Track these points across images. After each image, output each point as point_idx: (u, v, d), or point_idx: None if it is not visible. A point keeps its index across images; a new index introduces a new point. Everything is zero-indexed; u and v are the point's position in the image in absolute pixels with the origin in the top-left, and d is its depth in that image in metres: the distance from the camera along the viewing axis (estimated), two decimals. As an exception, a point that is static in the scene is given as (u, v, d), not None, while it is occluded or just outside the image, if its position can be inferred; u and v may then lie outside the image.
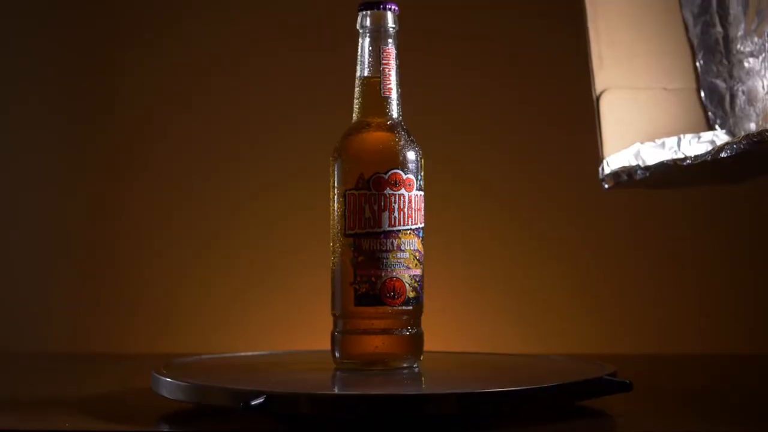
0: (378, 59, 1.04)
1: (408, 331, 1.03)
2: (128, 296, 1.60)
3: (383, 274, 1.01)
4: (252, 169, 1.60)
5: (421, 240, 1.04)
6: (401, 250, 1.02)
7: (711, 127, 1.25)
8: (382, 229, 1.02)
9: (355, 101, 1.05)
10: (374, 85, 1.04)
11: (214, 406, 0.95)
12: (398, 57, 1.05)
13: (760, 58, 1.18)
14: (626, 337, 1.57)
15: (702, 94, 1.26)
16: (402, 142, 1.04)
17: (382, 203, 1.02)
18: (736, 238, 1.57)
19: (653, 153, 1.22)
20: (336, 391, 0.95)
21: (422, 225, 1.04)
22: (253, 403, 0.86)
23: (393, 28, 1.05)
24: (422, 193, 1.04)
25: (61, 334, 1.59)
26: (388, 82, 1.04)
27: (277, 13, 1.61)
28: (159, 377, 0.97)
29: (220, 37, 1.61)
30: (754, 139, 1.02)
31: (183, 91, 1.61)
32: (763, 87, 1.17)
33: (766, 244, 1.57)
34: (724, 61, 1.26)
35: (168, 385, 0.95)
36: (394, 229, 1.02)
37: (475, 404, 0.88)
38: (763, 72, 1.17)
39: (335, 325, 1.04)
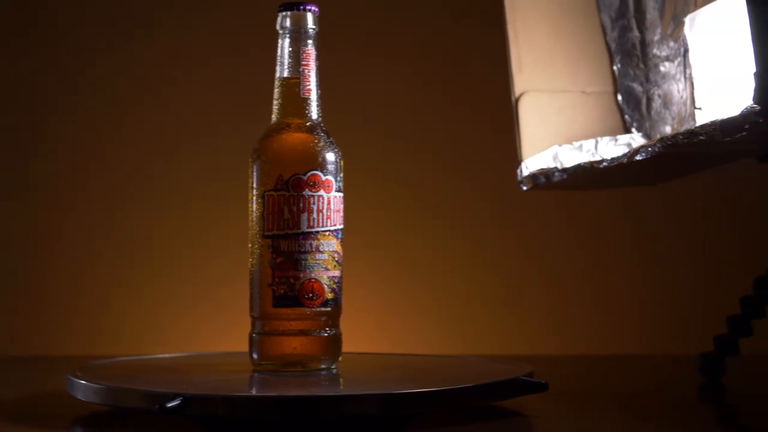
0: (297, 60, 1.04)
1: (326, 332, 1.03)
2: (47, 299, 1.58)
3: (302, 276, 1.01)
4: (173, 170, 1.59)
5: (340, 241, 1.04)
6: (320, 252, 1.02)
7: (628, 130, 1.27)
8: (300, 231, 1.01)
9: (275, 102, 1.05)
10: (293, 86, 1.04)
11: (130, 409, 0.94)
12: (318, 58, 1.05)
13: (676, 62, 1.20)
14: (547, 339, 1.59)
15: (619, 97, 1.28)
16: (321, 144, 1.04)
17: (301, 204, 1.01)
18: (655, 240, 1.59)
19: (571, 155, 1.23)
20: (253, 392, 0.95)
21: (341, 226, 1.04)
22: (169, 405, 0.86)
23: (313, 29, 1.05)
24: (341, 194, 1.04)
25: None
26: (307, 83, 1.04)
27: (195, 14, 1.60)
28: (74, 380, 0.96)
29: (140, 38, 1.60)
30: (669, 142, 1.03)
31: (106, 96, 1.59)
32: (678, 91, 1.19)
33: (683, 245, 1.59)
34: (641, 65, 1.28)
35: (83, 388, 0.94)
36: (313, 230, 1.02)
37: (391, 405, 0.88)
38: (678, 76, 1.19)
39: (253, 326, 1.04)
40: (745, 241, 1.55)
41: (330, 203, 1.03)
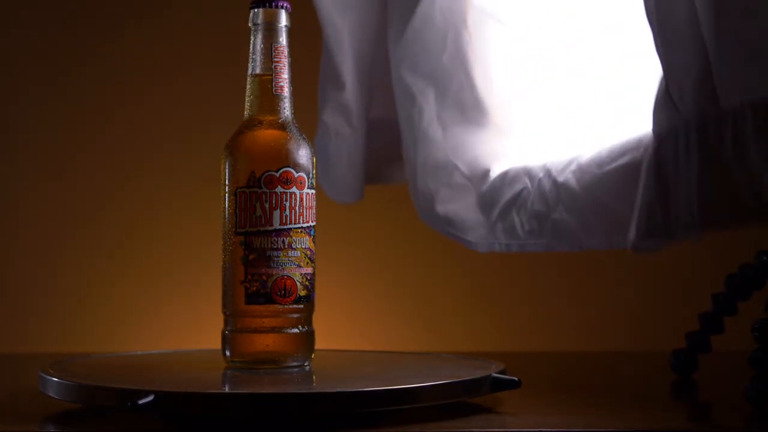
0: (270, 57, 1.04)
1: (299, 329, 1.03)
2: (20, 295, 1.58)
3: (274, 273, 1.01)
4: (144, 166, 1.59)
5: (313, 238, 1.04)
6: (292, 249, 1.02)
7: None
8: (273, 228, 1.01)
9: (247, 99, 1.05)
10: (266, 82, 1.04)
11: (102, 406, 0.94)
12: (291, 54, 1.05)
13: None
14: (521, 336, 1.59)
15: None
16: (293, 141, 1.03)
17: (273, 201, 1.01)
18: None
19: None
20: (225, 389, 0.95)
21: (314, 223, 1.04)
22: (141, 402, 0.85)
23: (285, 25, 1.05)
24: (314, 191, 1.04)
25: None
26: (279, 79, 1.04)
27: (168, 9, 1.60)
28: (46, 377, 0.95)
29: (115, 35, 1.60)
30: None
31: (77, 90, 1.59)
32: None
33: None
34: None
35: (55, 385, 0.94)
36: (285, 227, 1.02)
37: (364, 402, 0.88)
38: None
39: (226, 323, 1.04)
40: (717, 238, 1.55)
41: (302, 200, 1.03)
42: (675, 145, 0.86)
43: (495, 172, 1.17)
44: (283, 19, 1.05)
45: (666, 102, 0.88)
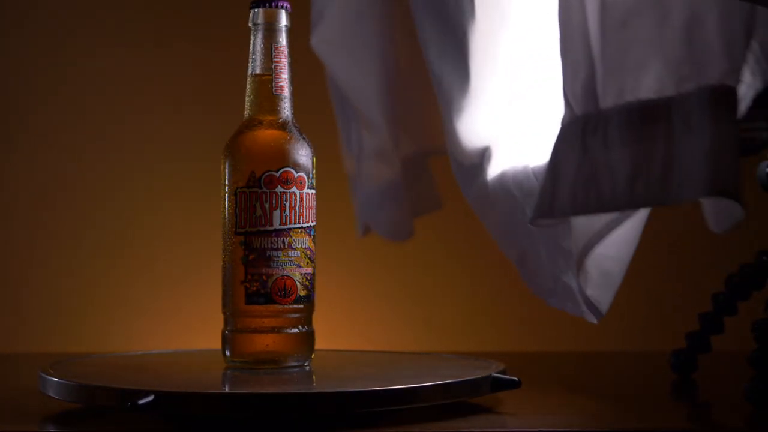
0: (270, 57, 1.04)
1: (299, 329, 1.03)
2: (20, 295, 1.58)
3: (274, 273, 1.01)
4: (145, 167, 1.59)
5: (313, 238, 1.04)
6: (292, 249, 1.02)
7: None
8: (273, 228, 1.01)
9: (247, 99, 1.05)
10: (266, 82, 1.04)
11: (102, 406, 0.94)
12: (291, 54, 1.05)
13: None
14: (521, 336, 1.59)
15: None
16: (293, 141, 1.03)
17: (273, 201, 1.01)
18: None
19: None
20: (225, 389, 0.95)
21: (314, 223, 1.04)
22: (141, 402, 0.85)
23: (285, 25, 1.05)
24: (314, 191, 1.04)
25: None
26: (279, 80, 1.04)
27: (168, 9, 1.59)
28: (46, 377, 0.95)
29: (110, 34, 1.60)
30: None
31: (77, 89, 1.59)
32: None
33: (656, 242, 1.59)
34: None
35: (55, 385, 0.94)
36: (285, 227, 1.02)
37: (364, 402, 0.88)
38: None
39: (226, 323, 1.04)
40: (717, 238, 1.55)
41: (302, 200, 1.03)
42: (566, 136, 0.95)
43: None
44: (283, 19, 1.05)
45: (565, 98, 0.97)
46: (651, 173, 0.86)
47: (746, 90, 0.86)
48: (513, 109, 1.18)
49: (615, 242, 1.03)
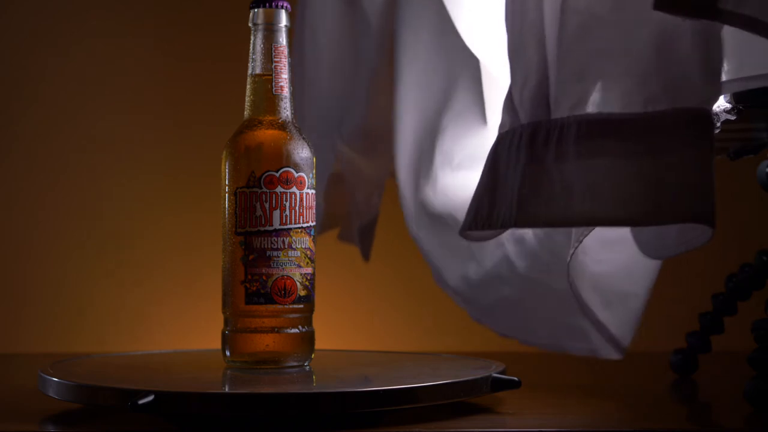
0: (270, 57, 1.04)
1: (299, 329, 1.03)
2: (20, 295, 1.58)
3: (274, 273, 1.01)
4: (145, 167, 1.59)
5: (313, 238, 1.04)
6: (292, 249, 1.02)
7: None
8: (273, 228, 1.01)
9: (247, 99, 1.05)
10: (266, 82, 1.04)
11: (102, 406, 0.94)
12: (291, 54, 1.05)
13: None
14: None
15: None
16: (293, 141, 1.03)
17: (273, 201, 1.01)
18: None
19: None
20: (225, 389, 0.95)
21: (314, 223, 1.04)
22: (141, 402, 0.85)
23: (285, 25, 1.05)
24: (314, 191, 1.04)
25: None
26: (279, 79, 1.04)
27: (168, 9, 1.60)
28: (46, 377, 0.95)
29: (110, 34, 1.60)
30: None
31: (77, 89, 1.59)
32: None
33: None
34: None
35: (54, 385, 0.94)
36: (285, 227, 1.02)
37: (364, 402, 0.88)
38: None
39: (226, 323, 1.04)
40: (717, 238, 1.55)
41: (302, 200, 1.03)
42: (509, 144, 0.91)
43: None
44: (283, 19, 1.05)
45: (508, 105, 0.94)
46: (613, 191, 0.83)
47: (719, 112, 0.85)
48: None
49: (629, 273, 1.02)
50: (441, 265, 1.23)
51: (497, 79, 1.18)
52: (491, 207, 0.92)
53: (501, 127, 0.94)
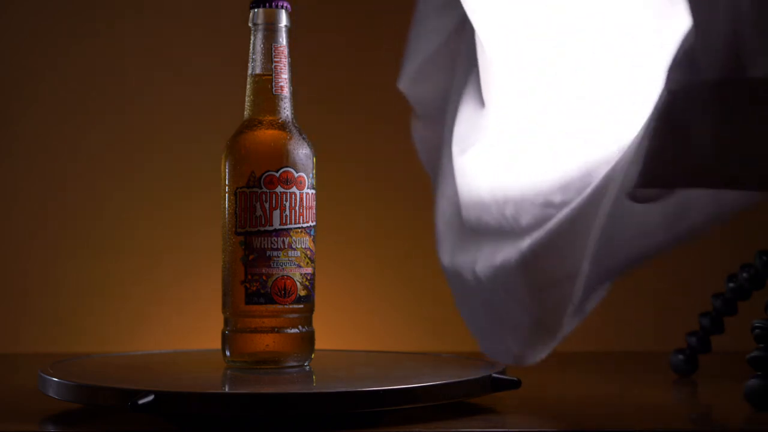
0: (270, 57, 1.04)
1: (299, 329, 1.03)
2: (20, 295, 1.58)
3: (274, 273, 1.01)
4: (145, 166, 1.59)
5: (313, 238, 1.04)
6: (292, 249, 1.02)
7: None
8: (273, 228, 1.01)
9: (247, 99, 1.05)
10: (266, 82, 1.04)
11: (102, 406, 0.94)
12: (291, 54, 1.05)
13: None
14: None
15: None
16: (294, 140, 1.03)
17: (273, 201, 1.01)
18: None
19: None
20: (225, 389, 0.95)
21: (314, 223, 1.04)
22: (141, 402, 0.85)
23: (285, 25, 1.05)
24: (314, 191, 1.04)
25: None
26: (279, 80, 1.04)
27: (168, 9, 1.59)
28: (46, 377, 0.95)
29: (111, 35, 1.59)
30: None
31: (77, 89, 1.59)
32: None
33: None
34: None
35: (55, 385, 0.94)
36: (285, 227, 1.02)
37: (363, 402, 0.88)
38: None
39: (226, 323, 1.04)
40: (717, 238, 1.55)
41: (303, 200, 1.03)
42: (691, 102, 0.83)
43: None
44: (283, 19, 1.05)
45: (684, 60, 0.85)
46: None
47: None
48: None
49: None
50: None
51: (491, 60, 1.16)
52: (672, 164, 0.85)
53: (673, 83, 0.85)
